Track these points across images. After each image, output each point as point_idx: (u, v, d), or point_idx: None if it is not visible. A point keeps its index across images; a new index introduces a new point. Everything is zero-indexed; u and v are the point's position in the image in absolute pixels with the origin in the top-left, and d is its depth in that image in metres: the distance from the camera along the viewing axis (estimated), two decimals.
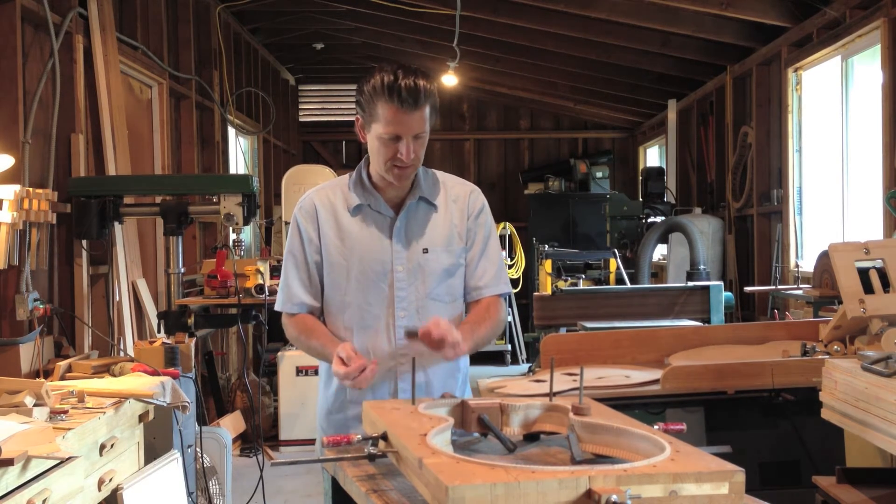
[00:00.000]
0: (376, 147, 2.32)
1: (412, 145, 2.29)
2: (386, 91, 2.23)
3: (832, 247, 3.08)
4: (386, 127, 2.26)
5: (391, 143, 2.28)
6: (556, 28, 8.06)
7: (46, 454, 2.41)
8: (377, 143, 2.31)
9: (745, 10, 6.61)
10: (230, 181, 4.99)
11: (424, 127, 2.29)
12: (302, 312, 2.50)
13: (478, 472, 1.47)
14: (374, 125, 2.29)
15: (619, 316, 5.05)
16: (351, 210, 2.44)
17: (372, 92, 2.26)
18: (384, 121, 2.26)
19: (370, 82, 2.27)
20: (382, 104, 2.24)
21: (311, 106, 12.74)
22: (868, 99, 5.84)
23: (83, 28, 4.68)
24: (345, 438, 1.92)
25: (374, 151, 2.35)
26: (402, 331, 2.40)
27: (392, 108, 2.24)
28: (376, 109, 2.26)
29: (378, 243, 2.42)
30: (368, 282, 2.42)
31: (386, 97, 2.23)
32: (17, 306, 3.81)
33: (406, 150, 2.28)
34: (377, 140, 2.30)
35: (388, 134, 2.27)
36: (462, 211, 2.50)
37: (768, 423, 3.29)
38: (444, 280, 2.46)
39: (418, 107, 2.25)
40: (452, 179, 2.55)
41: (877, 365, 2.42)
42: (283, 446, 6.48)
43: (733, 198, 8.11)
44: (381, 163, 2.33)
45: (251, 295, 5.07)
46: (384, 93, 2.23)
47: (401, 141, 2.28)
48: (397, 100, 2.23)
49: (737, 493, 1.48)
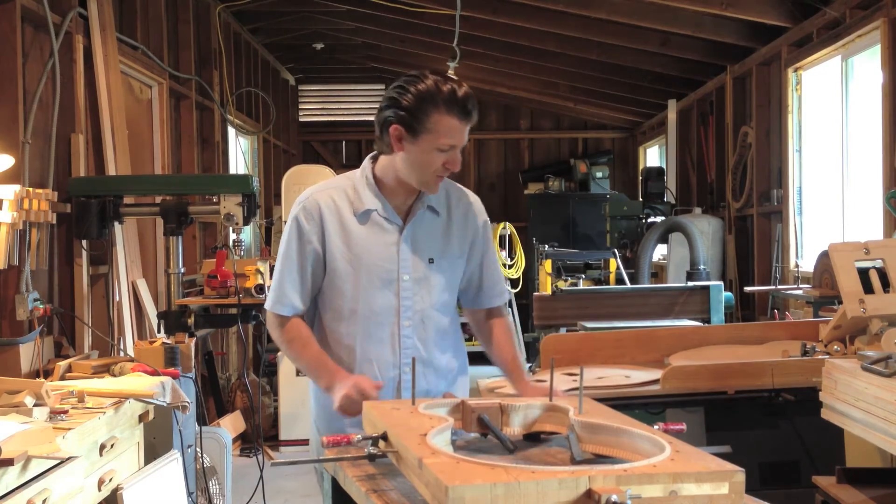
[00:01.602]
0: (424, 158, 2.29)
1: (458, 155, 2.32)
2: (445, 103, 2.23)
3: (832, 247, 3.08)
4: (445, 138, 2.26)
5: (443, 153, 2.28)
6: (556, 28, 8.05)
7: (46, 454, 2.41)
8: (428, 155, 2.28)
9: (745, 10, 6.61)
10: (230, 181, 4.98)
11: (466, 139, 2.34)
12: (292, 315, 2.45)
13: (478, 472, 1.47)
14: (427, 136, 2.26)
15: (619, 316, 5.04)
16: (358, 215, 2.40)
17: (426, 103, 2.24)
18: (443, 132, 2.25)
19: (419, 92, 2.25)
20: (441, 115, 2.24)
21: (311, 106, 12.74)
22: (868, 99, 5.84)
23: (83, 28, 4.68)
24: (345, 438, 1.92)
25: (418, 162, 2.30)
26: (407, 340, 2.42)
27: (453, 119, 2.25)
28: (433, 122, 2.25)
29: (385, 251, 2.40)
30: (375, 290, 2.40)
31: (445, 109, 2.24)
32: (17, 306, 3.81)
33: (457, 160, 2.30)
34: (430, 152, 2.27)
35: (446, 145, 2.26)
36: (466, 219, 2.51)
37: (768, 423, 3.29)
38: (446, 290, 2.47)
39: (471, 119, 2.29)
40: (453, 186, 2.55)
41: (877, 365, 2.42)
42: (283, 446, 6.48)
43: (733, 198, 8.11)
44: (429, 173, 2.31)
45: (251, 295, 5.06)
46: (443, 104, 2.24)
47: (452, 151, 2.29)
48: (459, 112, 2.24)
49: (737, 493, 1.48)
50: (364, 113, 12.68)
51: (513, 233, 9.75)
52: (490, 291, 2.56)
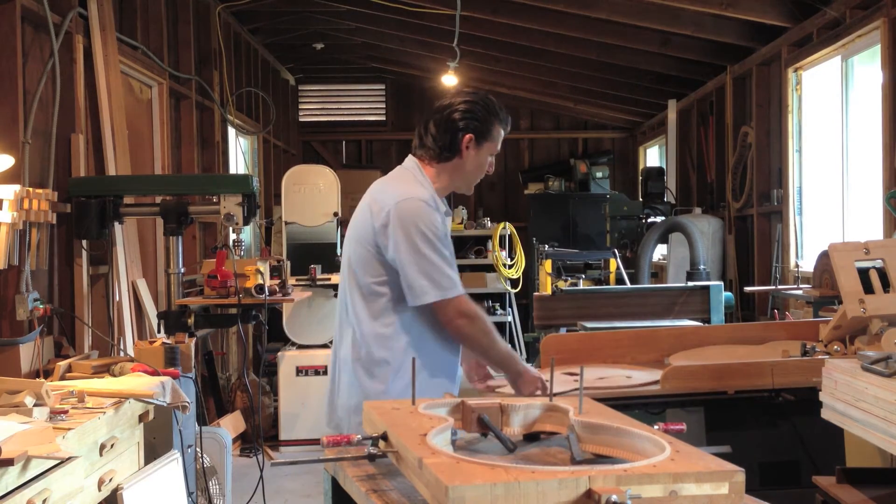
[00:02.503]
0: (479, 163, 2.71)
1: None
2: (501, 118, 2.68)
3: (832, 247, 3.08)
4: (498, 145, 2.70)
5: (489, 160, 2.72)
6: (556, 28, 8.05)
7: (46, 454, 2.41)
8: (483, 160, 2.70)
9: (745, 10, 6.61)
10: (230, 181, 4.98)
11: None
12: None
13: (478, 472, 1.47)
14: (488, 144, 2.69)
15: (619, 316, 5.04)
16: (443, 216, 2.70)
17: (494, 117, 2.67)
18: (497, 140, 2.69)
19: (485, 105, 2.67)
20: (498, 127, 2.68)
21: (311, 106, 12.74)
22: (868, 99, 5.84)
23: (83, 28, 4.68)
24: (345, 438, 1.92)
25: (480, 166, 2.72)
26: None
27: (503, 131, 2.70)
28: (493, 131, 2.68)
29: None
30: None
31: (503, 122, 2.69)
32: (17, 306, 3.81)
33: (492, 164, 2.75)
34: (486, 157, 2.70)
35: (497, 151, 2.71)
36: None
37: (768, 423, 3.29)
38: None
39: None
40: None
41: (877, 365, 2.42)
42: (283, 446, 6.49)
43: (733, 198, 8.11)
44: (480, 175, 2.74)
45: (251, 295, 5.06)
46: (501, 118, 2.67)
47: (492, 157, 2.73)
48: (506, 125, 2.71)
49: (737, 493, 1.48)
50: (364, 113, 12.68)
51: (513, 233, 9.75)
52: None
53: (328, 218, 7.05)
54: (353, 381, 2.67)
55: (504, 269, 9.54)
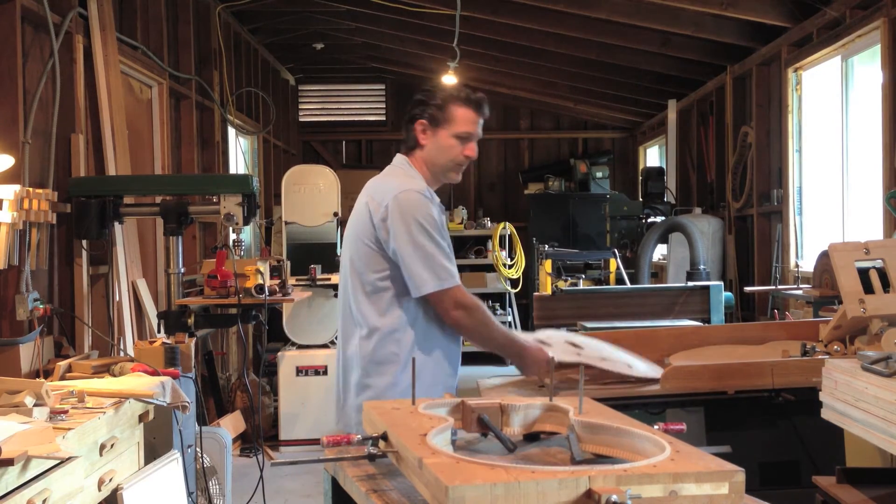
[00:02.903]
0: (448, 146, 2.69)
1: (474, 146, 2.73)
2: (462, 97, 2.69)
3: (832, 247, 3.08)
4: (463, 126, 2.68)
5: (462, 143, 2.69)
6: (556, 28, 8.05)
7: (46, 454, 2.41)
8: (450, 142, 2.69)
9: (745, 10, 6.61)
10: (230, 181, 4.98)
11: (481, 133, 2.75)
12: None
13: (478, 472, 1.47)
14: (448, 126, 2.68)
15: (619, 316, 5.04)
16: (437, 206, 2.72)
17: (447, 98, 2.69)
18: (461, 121, 2.69)
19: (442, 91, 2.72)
20: (459, 107, 2.69)
21: (311, 106, 12.74)
22: (868, 99, 5.84)
23: (83, 28, 4.68)
24: (345, 438, 1.92)
25: (442, 150, 2.70)
26: None
27: (469, 111, 2.69)
28: (452, 113, 2.68)
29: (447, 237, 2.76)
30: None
31: (464, 101, 2.68)
32: (17, 306, 3.80)
33: (474, 148, 2.72)
34: (450, 139, 2.69)
35: (464, 132, 2.68)
36: None
37: (768, 423, 3.29)
38: None
39: (484, 115, 2.74)
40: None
41: (877, 365, 2.42)
42: (283, 446, 6.49)
43: (733, 198, 8.11)
44: (448, 160, 2.71)
45: (251, 295, 5.06)
46: (462, 99, 2.70)
47: (470, 140, 2.70)
48: (474, 105, 2.70)
49: (737, 493, 1.48)
50: (364, 113, 12.68)
51: (513, 233, 9.76)
52: None
53: (328, 218, 7.05)
54: (362, 378, 2.67)
55: (504, 269, 9.54)
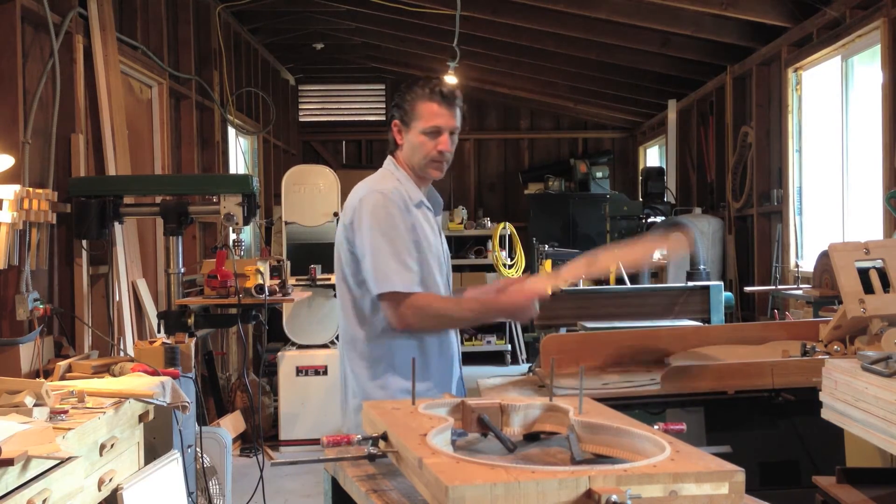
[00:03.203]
0: (419, 143, 2.62)
1: (448, 139, 2.63)
2: (428, 92, 2.60)
3: (832, 247, 3.08)
4: (429, 121, 2.59)
5: (432, 138, 2.61)
6: (556, 28, 8.05)
7: (46, 454, 2.41)
8: (420, 139, 2.62)
9: (745, 10, 6.61)
10: (230, 181, 4.98)
11: (458, 124, 2.64)
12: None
13: (478, 472, 1.47)
14: (416, 123, 2.61)
15: (619, 316, 5.04)
16: (415, 204, 2.67)
17: (413, 95, 2.62)
18: (427, 116, 2.60)
19: (410, 89, 2.63)
20: (424, 102, 2.60)
21: (311, 106, 12.74)
22: (868, 99, 5.84)
23: (83, 28, 4.68)
24: (345, 438, 1.92)
25: (415, 147, 2.63)
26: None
27: (434, 104, 2.60)
28: (417, 109, 2.61)
29: (437, 236, 2.72)
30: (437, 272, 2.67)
31: (428, 96, 2.60)
32: (17, 306, 3.81)
33: (446, 141, 2.62)
34: (420, 136, 2.61)
35: (431, 127, 2.59)
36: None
37: (768, 423, 3.29)
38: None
39: (453, 105, 2.62)
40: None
41: (877, 365, 2.42)
42: (283, 446, 6.49)
43: (733, 198, 8.11)
44: (422, 156, 2.63)
45: (251, 295, 5.06)
46: (426, 93, 2.60)
47: (441, 134, 2.61)
48: (439, 97, 2.60)
49: (737, 493, 1.48)
50: (364, 113, 12.68)
51: (513, 233, 9.75)
52: None
53: (328, 218, 7.05)
54: (356, 382, 2.67)
55: (504, 269, 9.53)
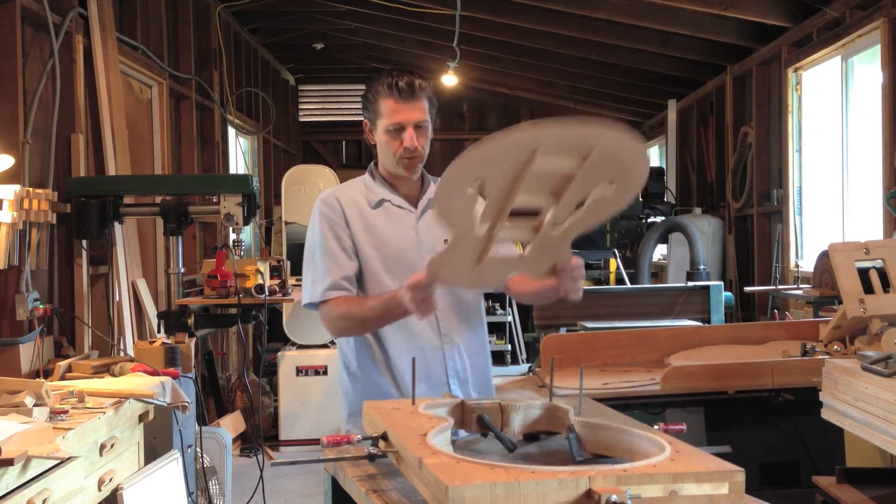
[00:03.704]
0: (385, 142, 2.52)
1: (414, 133, 2.48)
2: (385, 87, 2.48)
3: (832, 247, 3.09)
4: (389, 118, 2.48)
5: (396, 135, 2.49)
6: (556, 28, 8.05)
7: (46, 454, 2.41)
8: (385, 138, 2.51)
9: (745, 10, 6.61)
10: (230, 181, 4.98)
11: (424, 116, 2.49)
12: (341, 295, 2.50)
13: (478, 472, 1.47)
14: (379, 122, 2.51)
15: (619, 316, 5.04)
16: (373, 205, 2.57)
17: (374, 93, 2.51)
18: (387, 113, 2.48)
19: (372, 87, 2.52)
20: (383, 100, 2.49)
21: (311, 106, 12.74)
22: (868, 99, 5.84)
23: (83, 28, 4.68)
24: (345, 438, 1.92)
25: (382, 147, 2.54)
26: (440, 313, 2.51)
27: (391, 100, 2.47)
28: (379, 107, 2.50)
29: (404, 234, 2.55)
30: (401, 270, 2.50)
31: (385, 92, 2.48)
32: (17, 306, 3.80)
33: (409, 136, 2.47)
34: (384, 135, 2.51)
35: (392, 125, 2.48)
36: None
37: (768, 423, 3.29)
38: None
39: (414, 96, 2.47)
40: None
41: (877, 365, 2.42)
42: (283, 446, 6.48)
43: (733, 198, 8.11)
44: (391, 155, 2.52)
45: (251, 295, 5.06)
46: (384, 89, 2.48)
47: (404, 131, 2.47)
48: (396, 92, 2.46)
49: (737, 493, 1.48)
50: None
51: None
52: None
53: None
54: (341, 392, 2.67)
55: None
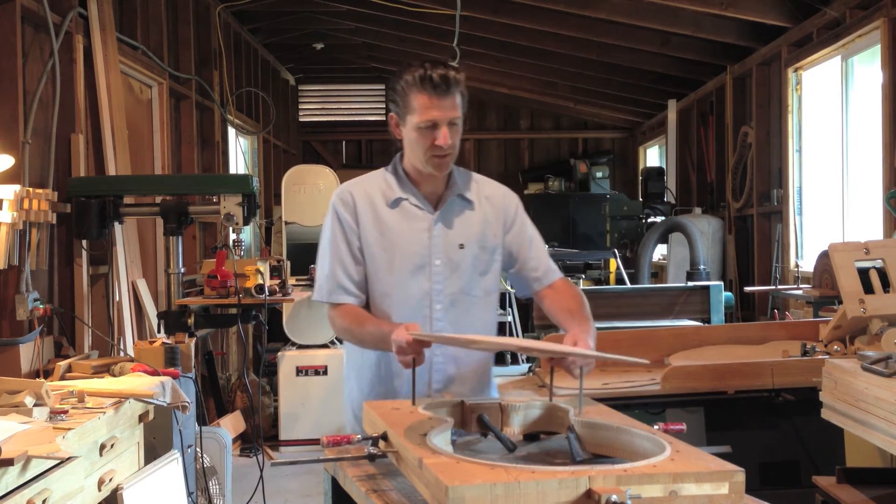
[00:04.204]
0: (414, 138, 2.39)
1: (448, 131, 2.36)
2: (418, 81, 2.33)
3: (832, 247, 3.09)
4: (422, 115, 2.35)
5: (428, 132, 2.36)
6: (556, 28, 8.06)
7: (46, 454, 2.41)
8: (415, 135, 2.38)
9: (745, 10, 6.61)
10: (230, 181, 4.98)
11: (458, 113, 2.37)
12: (350, 302, 2.47)
13: (478, 472, 1.47)
14: (410, 117, 2.37)
15: (619, 316, 5.04)
16: (390, 203, 2.48)
17: (405, 86, 2.36)
18: (420, 109, 2.34)
19: (402, 78, 2.37)
20: (416, 94, 2.33)
21: (311, 106, 12.74)
22: (868, 99, 5.84)
23: (83, 28, 4.68)
24: (345, 438, 1.92)
25: (412, 144, 2.41)
26: (438, 323, 2.46)
27: (425, 96, 2.33)
28: (410, 101, 2.35)
29: (418, 236, 2.47)
30: (408, 274, 2.46)
31: (419, 87, 2.33)
32: (17, 306, 3.80)
33: (443, 135, 2.35)
34: (415, 131, 2.37)
35: (424, 122, 2.35)
36: (497, 210, 2.57)
37: (768, 423, 3.29)
38: (476, 275, 2.51)
39: (450, 92, 2.34)
40: (484, 179, 2.64)
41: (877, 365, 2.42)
42: (283, 446, 6.48)
43: (733, 198, 8.11)
44: (421, 153, 2.40)
45: (251, 295, 5.06)
46: (417, 83, 2.33)
47: (438, 128, 2.35)
48: (430, 87, 2.32)
49: (737, 493, 1.48)
50: (364, 113, 12.68)
51: None
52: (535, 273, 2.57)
53: None
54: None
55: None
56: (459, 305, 2.49)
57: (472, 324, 2.51)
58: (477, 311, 2.52)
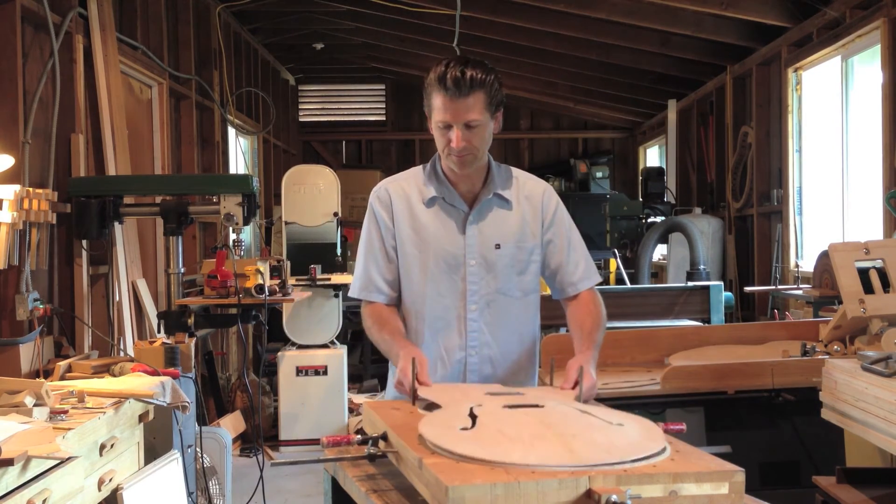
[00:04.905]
0: (436, 136, 2.41)
1: (462, 133, 2.34)
2: (436, 81, 2.33)
3: (832, 247, 3.09)
4: (437, 115, 2.35)
5: (445, 132, 2.36)
6: (556, 28, 8.05)
7: (46, 454, 2.41)
8: (436, 133, 2.40)
9: (745, 10, 6.61)
10: (230, 181, 4.98)
11: (475, 115, 2.34)
12: (380, 301, 2.50)
13: (478, 472, 1.47)
14: (432, 114, 2.38)
15: (619, 316, 5.04)
16: (426, 202, 2.48)
17: (428, 84, 2.36)
18: (437, 109, 2.35)
19: (428, 75, 2.37)
20: (435, 94, 2.34)
21: (311, 106, 12.74)
22: (868, 99, 5.84)
23: (83, 28, 4.68)
24: (345, 438, 1.92)
25: (436, 141, 2.42)
26: (473, 324, 2.45)
27: (441, 96, 2.32)
28: (432, 100, 2.36)
29: (452, 236, 2.46)
30: (442, 274, 2.46)
31: (437, 86, 2.33)
32: (17, 306, 3.80)
33: (455, 137, 2.34)
34: (435, 129, 2.39)
35: (440, 122, 2.36)
36: (536, 209, 2.56)
37: (768, 423, 3.29)
38: (514, 275, 2.49)
39: (463, 95, 2.31)
40: (525, 175, 2.65)
41: (877, 365, 2.42)
42: (283, 446, 6.48)
43: (733, 198, 8.11)
44: (441, 150, 2.41)
45: (251, 295, 5.06)
46: (435, 82, 2.33)
47: (452, 129, 2.34)
48: (444, 88, 2.31)
49: (737, 493, 1.48)
50: (364, 113, 12.68)
51: None
52: (569, 277, 2.55)
53: (328, 218, 7.05)
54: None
55: None
56: (496, 306, 2.47)
57: (509, 325, 2.49)
58: (515, 312, 2.50)
